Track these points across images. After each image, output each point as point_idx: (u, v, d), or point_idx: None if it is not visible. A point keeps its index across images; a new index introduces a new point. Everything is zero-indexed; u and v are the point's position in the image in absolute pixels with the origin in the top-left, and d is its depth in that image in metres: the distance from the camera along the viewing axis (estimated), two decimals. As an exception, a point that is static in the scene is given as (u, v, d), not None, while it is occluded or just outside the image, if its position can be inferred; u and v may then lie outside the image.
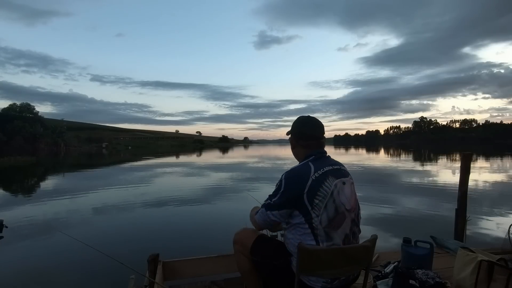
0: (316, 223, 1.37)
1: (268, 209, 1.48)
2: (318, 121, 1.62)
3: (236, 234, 1.78)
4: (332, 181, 1.42)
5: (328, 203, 1.38)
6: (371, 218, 5.30)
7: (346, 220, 1.43)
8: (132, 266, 1.75)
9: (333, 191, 1.40)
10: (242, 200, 7.03)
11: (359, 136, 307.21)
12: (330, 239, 1.39)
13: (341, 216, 1.41)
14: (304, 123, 1.62)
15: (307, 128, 1.59)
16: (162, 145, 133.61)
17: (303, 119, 1.64)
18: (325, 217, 1.38)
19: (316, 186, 1.39)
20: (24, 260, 3.67)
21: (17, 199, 8.33)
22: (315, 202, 1.37)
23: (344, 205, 1.42)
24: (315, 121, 1.62)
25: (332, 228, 1.39)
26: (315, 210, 1.37)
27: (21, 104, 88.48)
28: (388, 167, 16.96)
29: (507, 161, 22.28)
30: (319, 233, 1.38)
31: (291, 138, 1.65)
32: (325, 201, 1.38)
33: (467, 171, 3.36)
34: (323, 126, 1.62)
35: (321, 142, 1.58)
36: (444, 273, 2.29)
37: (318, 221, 1.37)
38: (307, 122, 1.62)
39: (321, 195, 1.38)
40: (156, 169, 17.88)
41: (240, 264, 1.75)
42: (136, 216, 5.68)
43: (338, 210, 1.40)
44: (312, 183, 1.39)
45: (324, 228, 1.38)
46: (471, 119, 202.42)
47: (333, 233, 1.39)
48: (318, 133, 1.58)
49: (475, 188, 8.64)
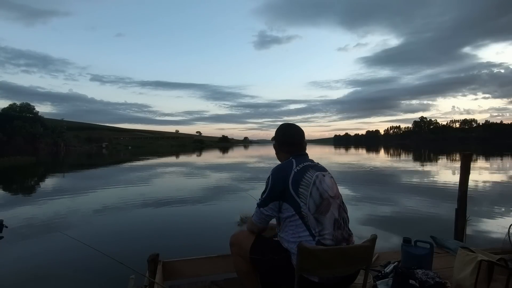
0: (305, 211, 1.48)
1: (261, 206, 1.60)
2: (298, 128, 1.79)
3: (232, 236, 1.79)
4: (313, 172, 1.57)
5: (313, 191, 1.51)
6: (371, 218, 5.30)
7: (333, 205, 1.53)
8: (132, 266, 1.75)
9: (315, 180, 1.54)
10: (242, 200, 7.03)
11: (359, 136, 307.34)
12: (320, 224, 1.48)
13: (327, 202, 1.52)
14: (286, 131, 1.78)
15: (288, 135, 1.75)
16: (162, 145, 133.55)
17: (284, 127, 1.80)
18: (312, 204, 1.48)
19: (299, 177, 1.53)
20: (24, 260, 3.67)
21: (17, 199, 8.33)
22: (300, 191, 1.50)
23: (327, 192, 1.54)
24: (296, 129, 1.78)
25: (321, 214, 1.49)
26: (302, 198, 1.49)
27: (21, 104, 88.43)
28: (388, 167, 16.96)
29: (507, 161, 22.28)
30: (310, 221, 1.47)
31: (275, 144, 1.80)
32: (309, 189, 1.50)
33: (467, 171, 3.36)
34: (303, 133, 1.79)
35: (302, 146, 1.74)
36: (444, 273, 2.29)
37: (307, 209, 1.48)
38: (288, 129, 1.78)
39: (305, 184, 1.51)
40: (156, 169, 17.88)
41: (238, 267, 1.76)
42: (136, 216, 5.68)
43: (323, 196, 1.51)
44: (295, 174, 1.53)
45: (313, 214, 1.48)
46: (471, 119, 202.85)
47: (322, 218, 1.49)
48: (299, 139, 1.74)
49: (475, 188, 8.64)
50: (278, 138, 1.78)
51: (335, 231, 1.50)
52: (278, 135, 1.78)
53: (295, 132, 1.76)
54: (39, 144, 75.27)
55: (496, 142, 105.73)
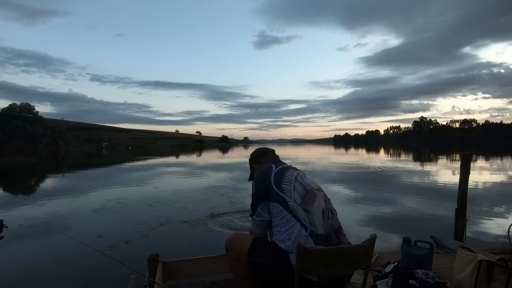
0: (292, 204, 1.54)
1: (254, 215, 1.70)
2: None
3: (228, 240, 1.77)
4: (293, 171, 1.68)
5: (296, 185, 1.59)
6: (371, 218, 5.29)
7: (318, 197, 1.59)
8: (132, 266, 1.75)
9: (296, 176, 1.64)
10: (242, 200, 7.03)
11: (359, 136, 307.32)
12: (309, 213, 1.52)
13: (312, 193, 1.59)
14: (257, 150, 2.02)
15: (260, 150, 1.99)
16: (162, 145, 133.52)
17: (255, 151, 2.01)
18: (297, 196, 1.56)
19: (280, 176, 1.63)
20: (24, 260, 3.67)
21: (17, 199, 8.33)
22: (284, 187, 1.58)
23: (310, 185, 1.63)
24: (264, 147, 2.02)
25: (307, 203, 1.54)
26: (286, 193, 1.56)
27: (21, 104, 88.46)
28: (388, 167, 16.96)
29: (507, 161, 22.28)
30: (299, 212, 1.52)
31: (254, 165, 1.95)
32: (291, 184, 1.59)
33: (467, 171, 3.36)
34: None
35: (276, 155, 1.93)
36: (444, 273, 2.29)
37: (293, 201, 1.54)
38: (258, 148, 2.03)
39: (286, 180, 1.60)
40: (156, 169, 17.87)
41: (235, 271, 1.77)
42: (136, 216, 5.68)
43: (307, 188, 1.60)
44: (275, 175, 1.64)
45: (301, 205, 1.53)
46: (471, 119, 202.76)
47: (310, 207, 1.54)
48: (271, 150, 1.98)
49: (475, 188, 8.64)
50: (253, 157, 1.96)
51: (324, 220, 1.55)
52: (252, 156, 1.98)
53: (264, 148, 2.00)
54: (39, 144, 75.26)
55: (496, 142, 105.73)
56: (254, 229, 1.71)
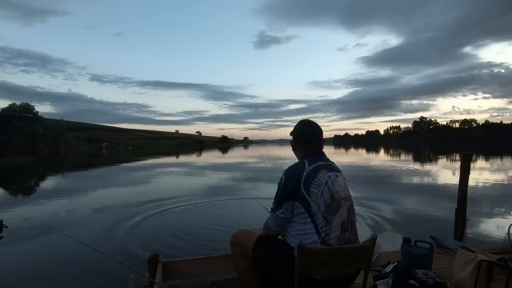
0: (314, 209, 1.48)
1: (276, 209, 1.59)
2: (316, 125, 1.77)
3: (234, 236, 1.78)
4: (326, 173, 1.56)
5: (324, 191, 1.51)
6: (371, 218, 5.29)
7: (343, 207, 1.53)
8: (132, 266, 1.75)
9: (327, 181, 1.54)
10: (242, 200, 7.03)
11: (359, 136, 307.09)
12: (328, 223, 1.48)
13: (337, 203, 1.52)
14: (304, 127, 1.77)
15: (306, 132, 1.74)
16: (162, 145, 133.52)
17: (303, 124, 1.78)
18: (322, 203, 1.49)
19: (311, 176, 1.53)
20: (24, 260, 3.67)
21: (17, 199, 8.33)
22: (311, 190, 1.50)
23: (338, 193, 1.54)
24: (314, 125, 1.76)
25: (330, 214, 1.49)
26: (312, 197, 1.49)
27: (21, 104, 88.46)
28: (388, 167, 16.96)
29: (507, 161, 22.28)
30: (318, 220, 1.47)
31: (292, 141, 1.78)
32: (320, 188, 1.51)
33: (467, 171, 3.36)
34: (321, 130, 1.77)
35: (319, 145, 1.73)
36: (444, 273, 2.29)
37: (316, 207, 1.48)
38: (307, 126, 1.77)
39: (316, 183, 1.51)
40: (156, 169, 17.88)
41: (238, 266, 1.75)
42: (136, 216, 5.67)
43: (334, 197, 1.52)
44: (307, 174, 1.53)
45: (323, 214, 1.48)
46: (471, 119, 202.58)
47: (331, 218, 1.49)
48: (316, 137, 1.72)
49: (475, 188, 8.63)
50: (296, 134, 1.76)
51: (342, 233, 1.50)
52: (296, 132, 1.76)
53: (312, 130, 1.74)
54: (39, 144, 75.24)
55: (496, 142, 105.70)
56: (273, 225, 1.62)
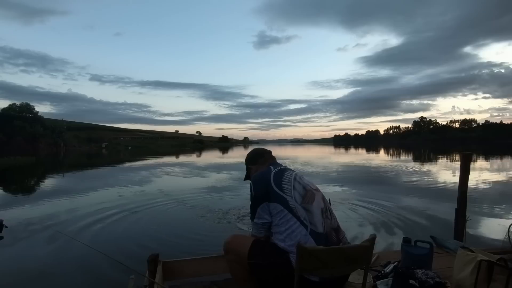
0: (292, 203, 1.55)
1: (254, 218, 1.67)
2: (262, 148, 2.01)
3: (226, 243, 1.75)
4: (291, 172, 1.70)
5: (295, 184, 1.61)
6: (371, 218, 5.29)
7: (317, 196, 1.61)
8: (132, 266, 1.75)
9: (295, 177, 1.66)
10: (242, 200, 7.02)
11: (359, 136, 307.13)
12: (309, 213, 1.53)
13: (311, 193, 1.61)
14: (255, 150, 1.99)
15: (259, 152, 1.95)
16: (162, 145, 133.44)
17: (253, 149, 2.01)
18: (297, 195, 1.58)
19: (279, 176, 1.64)
20: (24, 260, 3.67)
21: (17, 199, 8.33)
22: (284, 187, 1.59)
23: (309, 185, 1.65)
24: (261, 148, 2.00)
25: (307, 203, 1.56)
26: (287, 192, 1.57)
27: (21, 104, 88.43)
28: (387, 167, 16.96)
29: (507, 161, 22.28)
30: (299, 212, 1.52)
31: (249, 166, 1.94)
32: (291, 183, 1.61)
33: (467, 171, 3.36)
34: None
35: (273, 157, 1.92)
36: (444, 273, 2.29)
37: (293, 200, 1.55)
38: (257, 148, 2.00)
39: (286, 180, 1.62)
40: (155, 169, 17.87)
41: (235, 274, 1.76)
42: (136, 216, 5.67)
43: (306, 188, 1.62)
44: (275, 175, 1.64)
45: (301, 204, 1.54)
46: (471, 119, 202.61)
47: (309, 206, 1.56)
48: (269, 153, 1.94)
49: (475, 188, 8.63)
50: (249, 158, 1.95)
51: (324, 219, 1.56)
52: (249, 156, 1.97)
53: (263, 149, 1.98)
54: (39, 144, 75.26)
55: (496, 142, 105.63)
56: (257, 233, 1.67)
